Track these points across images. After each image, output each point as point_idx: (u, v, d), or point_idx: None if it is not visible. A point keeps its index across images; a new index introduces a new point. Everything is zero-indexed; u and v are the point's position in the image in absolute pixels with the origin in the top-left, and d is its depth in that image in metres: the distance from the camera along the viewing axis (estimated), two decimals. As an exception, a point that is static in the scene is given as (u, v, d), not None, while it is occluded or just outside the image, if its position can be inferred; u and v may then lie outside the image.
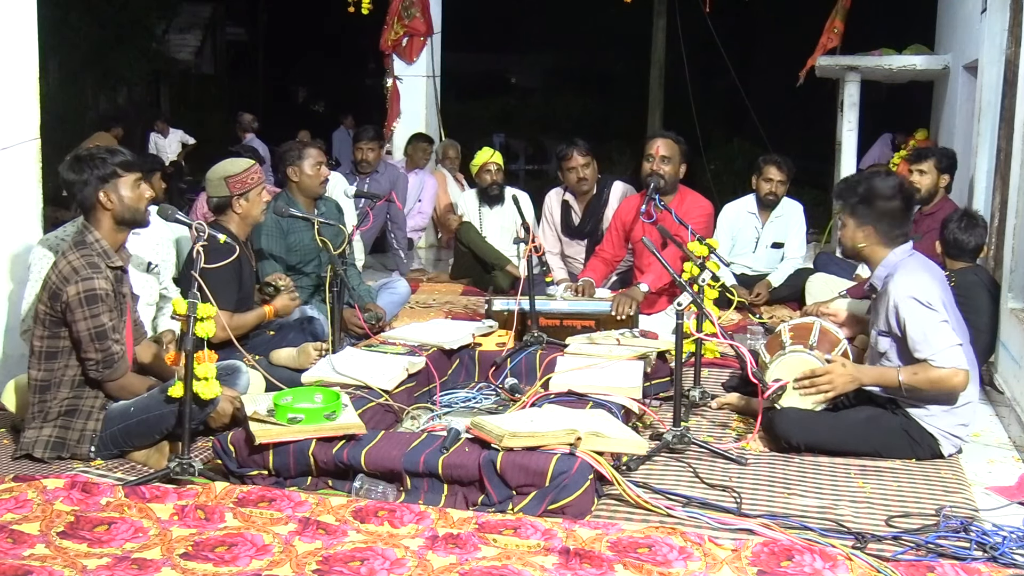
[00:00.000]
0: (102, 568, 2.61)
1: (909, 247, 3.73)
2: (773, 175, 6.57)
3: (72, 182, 3.57)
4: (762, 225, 6.70)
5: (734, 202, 6.88)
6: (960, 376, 3.51)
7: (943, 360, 3.50)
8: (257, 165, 4.54)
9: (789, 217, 6.68)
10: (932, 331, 3.51)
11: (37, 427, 3.57)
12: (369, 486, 3.15)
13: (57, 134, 7.78)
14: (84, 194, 3.57)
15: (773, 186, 6.57)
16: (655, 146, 5.46)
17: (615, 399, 3.80)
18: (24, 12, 4.44)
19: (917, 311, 3.52)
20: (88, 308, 3.46)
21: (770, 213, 6.67)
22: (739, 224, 6.77)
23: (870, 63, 8.74)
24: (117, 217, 3.61)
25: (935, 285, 3.63)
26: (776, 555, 2.68)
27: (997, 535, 2.88)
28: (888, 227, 3.69)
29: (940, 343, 3.50)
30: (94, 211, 3.60)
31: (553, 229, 6.59)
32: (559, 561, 2.64)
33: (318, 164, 5.18)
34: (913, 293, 3.54)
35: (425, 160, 9.18)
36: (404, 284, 5.91)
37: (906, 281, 3.58)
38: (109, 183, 3.57)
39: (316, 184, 5.16)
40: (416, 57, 9.63)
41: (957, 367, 3.50)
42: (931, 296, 3.55)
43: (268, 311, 4.49)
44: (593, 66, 21.39)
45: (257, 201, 4.44)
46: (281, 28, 24.89)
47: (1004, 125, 5.23)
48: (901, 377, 3.57)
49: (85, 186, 3.55)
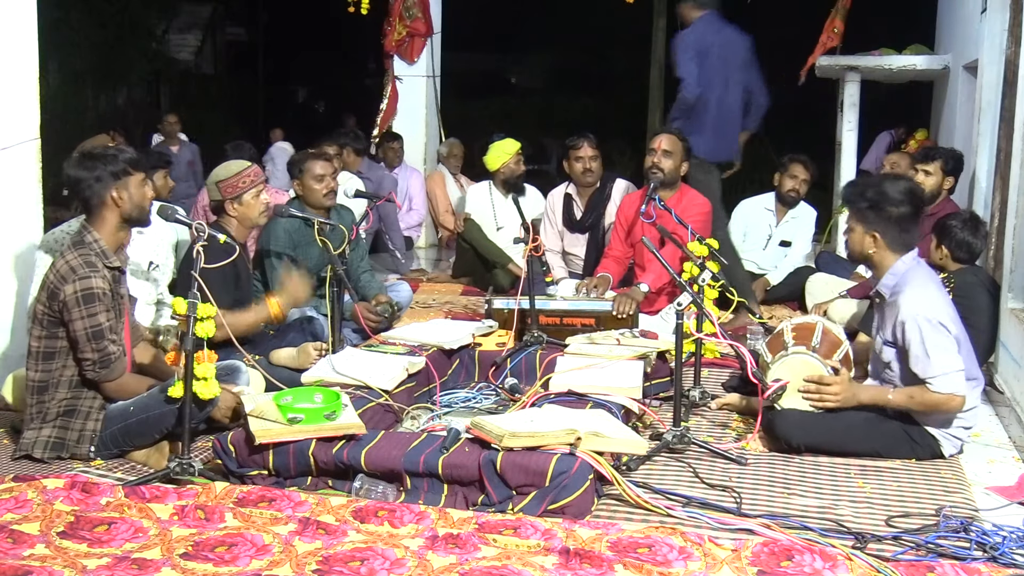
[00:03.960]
0: (102, 568, 2.61)
1: (915, 253, 3.71)
2: (798, 173, 6.64)
3: (81, 179, 3.55)
4: (776, 223, 6.73)
5: (752, 198, 6.92)
6: (956, 401, 3.51)
7: (940, 385, 3.48)
8: (253, 168, 4.47)
9: (802, 220, 6.73)
10: (936, 353, 3.48)
11: (36, 428, 3.57)
12: (369, 486, 3.15)
13: (57, 134, 7.78)
14: (94, 191, 3.55)
15: (797, 183, 6.64)
16: (658, 140, 5.50)
17: (615, 399, 3.80)
18: (24, 12, 4.44)
19: (926, 331, 3.49)
20: (85, 307, 3.45)
21: (787, 212, 6.71)
22: (753, 220, 6.80)
23: (870, 63, 8.74)
24: (124, 215, 3.61)
25: (945, 301, 3.62)
26: (776, 555, 2.68)
27: (997, 535, 2.88)
28: (897, 233, 3.65)
29: (941, 366, 3.48)
30: (101, 209, 3.58)
31: (554, 226, 6.61)
32: (559, 561, 2.64)
33: (320, 177, 5.02)
34: (924, 312, 3.51)
35: (397, 158, 9.17)
36: (406, 286, 5.91)
37: (917, 298, 3.55)
38: (121, 180, 3.57)
39: (319, 198, 5.01)
40: (417, 57, 9.63)
41: (954, 393, 3.49)
42: (942, 315, 3.53)
43: (274, 306, 4.32)
44: (593, 66, 21.35)
45: (253, 203, 4.38)
46: (281, 28, 24.87)
47: (1004, 125, 5.22)
48: (896, 399, 3.58)
49: (96, 183, 3.54)
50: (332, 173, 5.10)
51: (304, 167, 5.05)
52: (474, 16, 15.57)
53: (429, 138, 9.85)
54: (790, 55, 9.24)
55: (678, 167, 5.50)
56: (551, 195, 6.69)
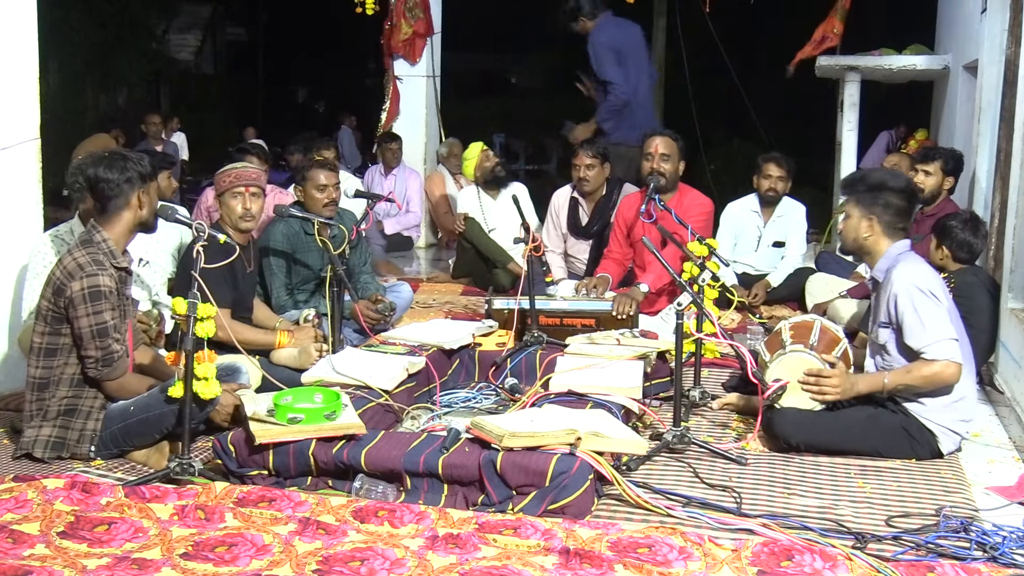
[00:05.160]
0: (102, 568, 2.61)
1: (908, 244, 3.75)
2: (772, 172, 6.58)
3: (109, 179, 3.53)
4: (764, 224, 6.71)
5: (737, 201, 6.89)
6: (952, 368, 3.53)
7: (935, 352, 3.51)
8: (240, 171, 4.42)
9: (790, 217, 6.68)
10: (929, 320, 3.52)
11: (36, 426, 3.57)
12: (369, 486, 3.15)
13: (57, 134, 7.76)
14: (121, 191, 3.54)
15: (772, 182, 6.58)
16: (654, 144, 5.46)
17: (615, 399, 3.80)
18: (24, 12, 4.45)
19: (917, 298, 3.54)
20: (91, 304, 3.46)
21: (772, 212, 6.67)
22: (742, 223, 6.78)
23: (870, 63, 8.74)
24: (141, 219, 3.63)
25: (936, 276, 3.67)
26: (776, 555, 2.68)
27: (997, 535, 2.88)
28: (892, 219, 3.71)
29: (935, 333, 3.51)
30: (120, 210, 3.58)
31: (557, 228, 6.60)
32: (559, 561, 2.64)
33: (323, 187, 4.97)
34: (915, 281, 3.56)
35: (395, 159, 9.19)
36: (406, 287, 5.91)
37: (909, 269, 3.61)
38: (147, 184, 3.60)
39: (319, 208, 4.95)
40: (418, 58, 9.63)
41: (950, 360, 3.51)
42: (933, 286, 3.58)
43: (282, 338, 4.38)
44: (593, 66, 21.34)
45: (232, 206, 4.35)
46: (281, 28, 24.87)
47: (1004, 125, 5.22)
48: (891, 380, 3.60)
49: (126, 183, 3.54)
50: (335, 184, 5.06)
51: (308, 175, 5.01)
52: (474, 16, 15.58)
53: (429, 138, 9.84)
54: (790, 55, 9.23)
55: (677, 169, 5.49)
56: (555, 196, 6.68)
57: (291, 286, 5.04)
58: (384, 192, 8.58)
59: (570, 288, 5.53)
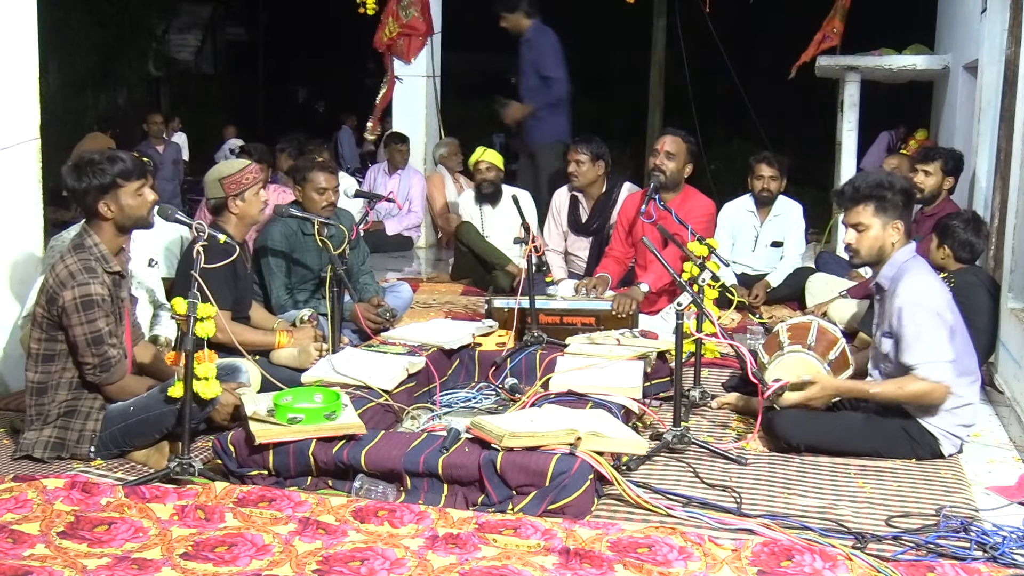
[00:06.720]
0: (102, 568, 2.61)
1: (913, 247, 3.72)
2: (764, 172, 6.59)
3: (73, 189, 3.54)
4: (760, 224, 6.71)
5: (732, 202, 6.89)
6: (940, 391, 3.50)
7: (926, 371, 3.49)
8: (254, 165, 4.48)
9: (787, 216, 6.68)
10: (928, 339, 3.49)
11: (37, 429, 3.57)
12: (369, 486, 3.15)
13: (57, 134, 7.77)
14: (85, 202, 3.55)
15: (765, 182, 6.58)
16: (661, 142, 5.48)
17: (615, 399, 3.80)
18: (24, 12, 4.45)
19: (920, 316, 3.50)
20: (84, 313, 3.45)
21: (768, 212, 6.67)
22: (739, 223, 6.78)
23: (870, 63, 8.73)
24: (118, 224, 3.60)
25: (943, 291, 3.63)
26: (776, 555, 2.68)
27: (997, 535, 2.88)
28: (910, 222, 3.69)
29: (931, 353, 3.49)
30: (95, 217, 3.58)
31: (558, 226, 6.60)
32: (559, 561, 2.64)
33: (323, 190, 4.96)
34: (921, 299, 3.52)
35: (403, 160, 9.19)
36: (406, 287, 5.91)
37: (916, 284, 3.56)
38: (109, 193, 3.53)
39: (317, 209, 4.92)
40: (414, 57, 9.61)
41: (940, 382, 3.49)
42: (939, 303, 3.54)
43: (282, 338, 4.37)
44: (593, 66, 21.35)
45: (254, 201, 4.37)
46: (281, 28, 24.86)
47: (1004, 125, 5.22)
48: (879, 391, 3.60)
49: (85, 195, 3.53)
50: (335, 187, 5.05)
51: (307, 176, 5.00)
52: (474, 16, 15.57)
53: (429, 138, 9.84)
54: (790, 55, 9.23)
55: (681, 169, 5.47)
56: (557, 194, 6.69)
57: (290, 286, 5.04)
58: (386, 192, 8.59)
59: (570, 288, 5.53)
